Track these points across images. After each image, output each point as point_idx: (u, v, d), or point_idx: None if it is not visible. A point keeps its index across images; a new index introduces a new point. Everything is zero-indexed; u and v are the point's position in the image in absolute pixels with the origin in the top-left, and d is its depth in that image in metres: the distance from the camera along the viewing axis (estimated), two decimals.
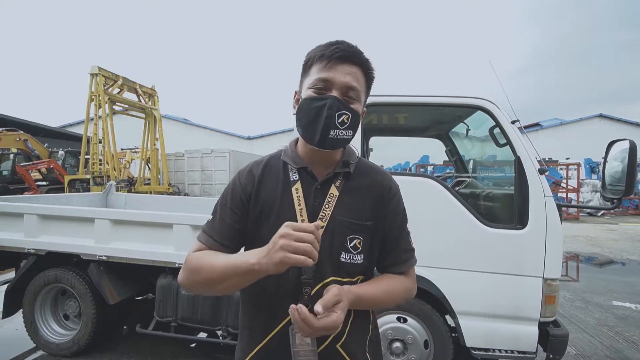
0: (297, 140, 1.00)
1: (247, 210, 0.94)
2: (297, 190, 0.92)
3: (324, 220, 0.89)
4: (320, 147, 0.87)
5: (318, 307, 0.73)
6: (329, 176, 0.94)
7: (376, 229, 0.94)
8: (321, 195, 0.92)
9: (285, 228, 0.73)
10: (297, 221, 0.89)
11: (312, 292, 0.87)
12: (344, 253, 0.90)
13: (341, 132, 0.86)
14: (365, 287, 0.89)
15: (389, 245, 0.96)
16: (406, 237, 0.99)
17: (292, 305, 0.74)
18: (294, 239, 0.71)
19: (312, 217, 0.90)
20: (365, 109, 0.98)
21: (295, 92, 0.96)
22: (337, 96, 0.85)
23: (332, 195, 0.92)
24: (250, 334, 0.94)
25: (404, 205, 1.00)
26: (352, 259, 0.91)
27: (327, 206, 0.91)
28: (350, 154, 1.00)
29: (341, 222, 0.90)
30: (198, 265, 0.85)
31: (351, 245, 0.90)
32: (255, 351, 0.91)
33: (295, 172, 0.95)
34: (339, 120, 0.85)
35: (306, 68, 0.92)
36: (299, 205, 0.90)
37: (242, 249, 0.96)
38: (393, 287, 0.94)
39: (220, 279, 0.81)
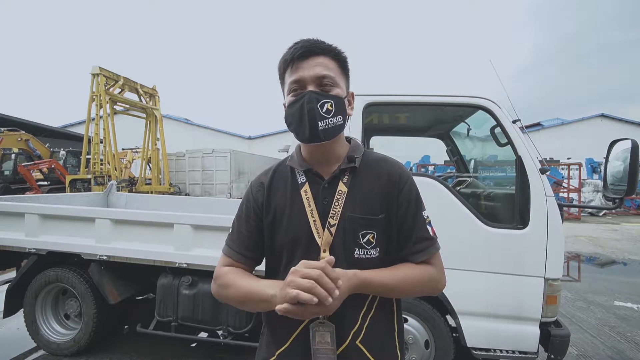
0: (300, 145, 1.01)
1: (260, 219, 0.97)
2: (305, 192, 0.93)
3: (334, 218, 0.90)
4: (315, 142, 0.88)
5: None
6: (335, 173, 0.94)
7: (390, 220, 0.93)
8: (329, 193, 0.92)
9: (297, 266, 0.77)
10: (309, 222, 0.90)
11: None
12: (357, 249, 0.90)
13: (330, 121, 0.87)
14: (376, 273, 0.87)
15: (404, 234, 0.94)
16: (423, 225, 0.95)
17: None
18: (300, 275, 0.74)
19: (322, 217, 0.90)
20: (352, 91, 0.98)
21: (284, 105, 0.97)
22: (312, 89, 0.87)
23: (340, 192, 0.92)
24: (272, 334, 0.96)
25: (417, 192, 0.97)
26: (367, 254, 0.90)
27: (336, 204, 0.91)
28: (356, 148, 0.99)
29: (351, 218, 0.90)
30: (227, 283, 0.92)
31: (364, 240, 0.90)
32: (279, 352, 0.93)
33: (302, 175, 0.96)
34: (324, 110, 0.86)
35: (281, 79, 0.95)
36: (309, 206, 0.91)
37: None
38: (411, 275, 0.90)
39: (245, 301, 0.89)
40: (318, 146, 0.91)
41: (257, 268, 1.02)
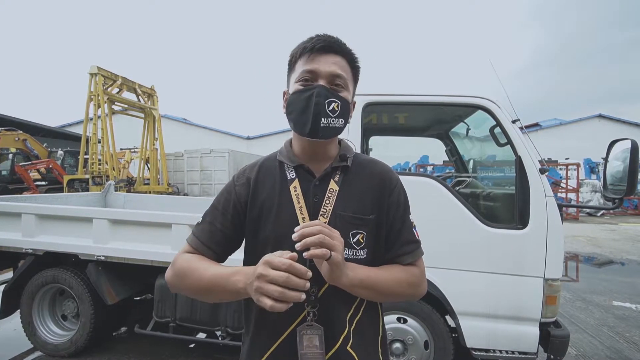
0: (291, 140, 0.99)
1: (240, 215, 0.93)
2: (295, 189, 0.90)
3: (325, 216, 0.88)
4: (312, 137, 0.86)
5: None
6: (327, 171, 0.92)
7: (379, 222, 0.92)
8: (320, 191, 0.90)
9: (262, 266, 0.70)
10: (297, 219, 0.87)
11: (320, 293, 0.85)
12: (347, 249, 0.87)
13: (333, 121, 0.85)
14: (374, 271, 0.86)
15: (391, 237, 0.93)
16: (409, 229, 0.95)
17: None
18: (267, 280, 0.68)
19: (312, 214, 0.88)
20: (355, 100, 0.97)
21: (284, 92, 0.95)
22: (324, 84, 0.85)
23: (331, 190, 0.90)
24: (256, 338, 0.91)
25: (405, 195, 0.98)
26: (356, 254, 0.88)
27: (327, 202, 0.89)
28: (347, 149, 0.98)
29: (343, 217, 0.88)
30: (186, 270, 0.85)
31: (354, 240, 0.88)
32: (265, 357, 0.88)
33: (292, 171, 0.93)
34: (330, 108, 0.84)
35: (291, 65, 0.92)
36: (299, 203, 0.89)
37: (242, 254, 0.94)
38: (397, 275, 0.89)
39: (206, 291, 0.82)
40: (312, 143, 0.90)
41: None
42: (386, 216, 0.93)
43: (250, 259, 0.93)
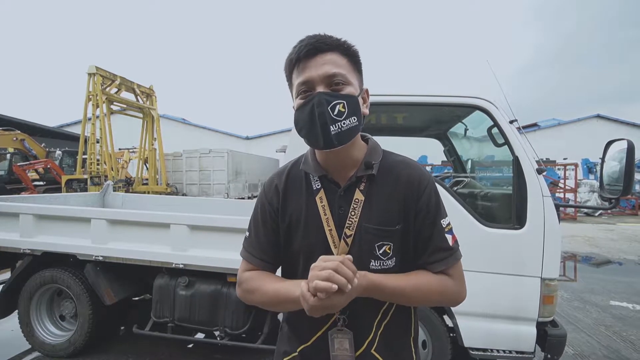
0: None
1: (277, 223, 0.95)
2: (321, 200, 0.90)
3: (351, 228, 0.87)
4: (329, 148, 0.82)
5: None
6: (352, 181, 0.89)
7: (406, 231, 0.88)
8: (345, 202, 0.88)
9: (317, 262, 0.77)
10: (324, 231, 0.88)
11: None
12: (373, 261, 0.87)
13: (344, 123, 0.80)
14: (388, 277, 0.84)
15: (420, 245, 0.90)
16: (440, 234, 0.89)
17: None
18: (319, 268, 0.74)
19: (338, 226, 0.88)
20: (366, 87, 0.91)
21: (294, 108, 0.94)
22: (321, 91, 0.81)
23: (357, 200, 0.88)
24: (294, 330, 0.97)
25: (437, 198, 0.91)
26: (383, 265, 0.88)
27: (353, 213, 0.87)
28: (374, 151, 0.93)
29: (368, 229, 0.87)
30: (252, 288, 0.93)
31: (380, 252, 0.87)
32: (301, 348, 0.94)
33: (317, 181, 0.92)
34: (335, 113, 0.80)
35: (289, 81, 0.89)
36: (325, 214, 0.88)
37: None
38: (426, 283, 0.86)
39: (271, 304, 0.90)
40: (332, 152, 0.84)
41: None
42: (414, 223, 0.89)
43: (287, 268, 0.98)
